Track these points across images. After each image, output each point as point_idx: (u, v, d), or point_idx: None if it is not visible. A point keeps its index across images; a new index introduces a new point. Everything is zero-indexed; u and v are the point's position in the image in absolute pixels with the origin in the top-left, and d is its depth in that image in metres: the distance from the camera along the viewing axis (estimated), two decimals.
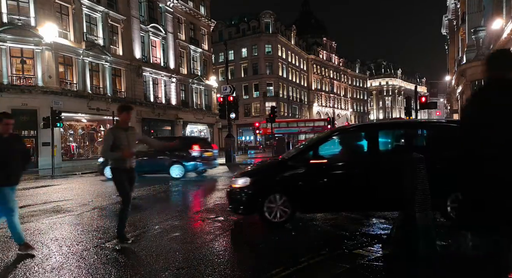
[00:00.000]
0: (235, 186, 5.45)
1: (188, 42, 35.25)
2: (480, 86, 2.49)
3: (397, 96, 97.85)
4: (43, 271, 3.71)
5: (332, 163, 5.38)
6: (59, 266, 3.85)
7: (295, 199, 5.17)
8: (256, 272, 3.54)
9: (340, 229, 5.04)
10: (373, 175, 5.02)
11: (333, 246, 4.15)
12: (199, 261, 3.83)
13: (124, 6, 27.29)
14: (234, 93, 21.61)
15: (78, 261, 4.00)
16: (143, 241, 4.74)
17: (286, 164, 5.47)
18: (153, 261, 3.89)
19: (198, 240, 4.78)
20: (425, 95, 22.97)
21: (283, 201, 5.15)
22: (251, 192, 5.29)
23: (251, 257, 4.10)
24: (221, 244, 4.57)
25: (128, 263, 3.91)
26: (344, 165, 5.33)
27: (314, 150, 5.45)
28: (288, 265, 3.53)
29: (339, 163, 5.42)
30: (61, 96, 21.56)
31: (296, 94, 60.97)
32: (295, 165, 5.33)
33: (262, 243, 4.59)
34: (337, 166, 5.34)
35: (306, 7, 79.80)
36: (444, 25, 39.35)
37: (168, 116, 31.56)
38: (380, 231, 4.90)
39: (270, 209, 5.14)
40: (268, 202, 5.14)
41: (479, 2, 20.59)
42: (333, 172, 5.28)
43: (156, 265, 3.77)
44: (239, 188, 5.38)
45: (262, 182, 5.40)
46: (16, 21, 20.54)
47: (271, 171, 5.65)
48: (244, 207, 5.33)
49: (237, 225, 5.62)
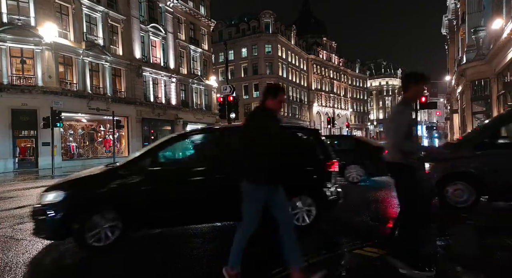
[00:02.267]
0: (43, 202, 4.27)
1: (188, 42, 35.24)
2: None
3: (397, 96, 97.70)
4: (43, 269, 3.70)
5: (176, 171, 4.77)
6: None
7: (127, 215, 4.31)
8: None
9: (340, 229, 5.04)
10: (221, 183, 4.59)
11: (333, 246, 4.15)
12: None
13: (124, 6, 27.28)
14: (234, 93, 21.58)
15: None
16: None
17: (116, 173, 4.62)
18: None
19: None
20: (425, 95, 22.93)
21: (111, 219, 4.23)
22: (64, 210, 4.17)
23: None
24: None
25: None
26: (190, 172, 4.72)
27: (153, 156, 4.77)
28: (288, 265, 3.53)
29: (184, 170, 4.79)
30: (61, 96, 21.55)
31: (296, 94, 60.97)
32: (128, 174, 4.49)
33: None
34: (181, 174, 4.71)
35: (306, 7, 79.78)
36: (444, 25, 39.31)
37: (168, 116, 31.55)
38: (380, 231, 4.90)
39: (92, 230, 4.12)
40: (90, 221, 4.13)
41: (479, 2, 20.58)
42: (176, 180, 4.65)
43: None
44: (48, 205, 4.21)
45: (80, 196, 4.34)
46: (16, 21, 20.52)
47: (95, 182, 4.55)
48: (54, 229, 4.18)
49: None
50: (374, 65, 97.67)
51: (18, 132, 21.05)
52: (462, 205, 5.79)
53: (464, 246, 4.24)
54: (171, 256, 4.10)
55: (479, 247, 4.25)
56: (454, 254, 3.91)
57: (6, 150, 19.95)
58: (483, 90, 20.48)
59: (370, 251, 3.93)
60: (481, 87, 20.72)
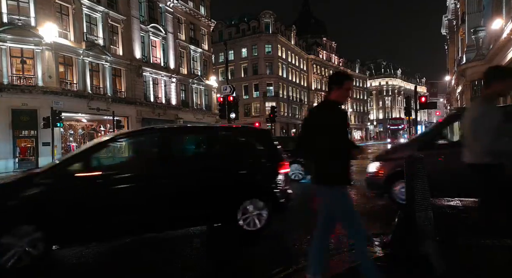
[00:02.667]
0: None
1: (188, 42, 35.26)
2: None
3: (397, 96, 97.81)
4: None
5: (108, 177, 4.22)
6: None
7: (49, 230, 3.75)
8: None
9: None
10: (168, 188, 4.31)
11: (333, 246, 4.16)
12: None
13: (124, 6, 27.29)
14: (234, 93, 21.61)
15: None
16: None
17: (31, 181, 4.03)
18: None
19: None
20: (425, 95, 22.97)
21: (28, 235, 3.67)
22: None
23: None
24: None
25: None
26: (124, 178, 4.26)
27: (81, 160, 4.23)
28: (288, 265, 3.54)
29: (116, 175, 4.28)
30: (61, 96, 21.57)
31: (296, 94, 60.97)
32: (48, 182, 3.94)
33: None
34: (114, 180, 4.20)
35: (306, 7, 79.80)
36: (444, 25, 39.35)
37: (168, 116, 31.55)
38: (380, 231, 4.91)
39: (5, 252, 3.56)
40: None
41: (479, 2, 20.61)
42: (112, 187, 4.15)
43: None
44: None
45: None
46: (16, 21, 20.53)
47: (7, 192, 3.93)
48: None
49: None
50: (374, 65, 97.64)
51: (18, 132, 21.06)
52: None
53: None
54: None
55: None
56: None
57: (6, 150, 19.97)
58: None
59: (370, 251, 3.94)
60: (481, 87, 20.72)
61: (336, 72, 3.00)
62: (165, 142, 4.67)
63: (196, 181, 4.53)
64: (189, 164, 4.87)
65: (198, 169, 4.66)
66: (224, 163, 4.86)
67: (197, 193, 4.50)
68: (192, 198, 4.48)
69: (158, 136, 4.78)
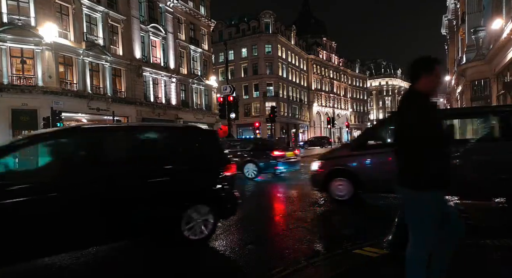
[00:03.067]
0: None
1: (188, 42, 35.25)
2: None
3: (397, 96, 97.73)
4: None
5: (20, 185, 3.41)
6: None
7: None
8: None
9: (340, 230, 5.04)
10: (92, 198, 3.66)
11: (333, 246, 4.16)
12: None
13: (124, 6, 27.28)
14: (234, 93, 21.64)
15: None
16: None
17: None
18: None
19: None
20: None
21: None
22: None
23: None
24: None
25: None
26: (41, 186, 3.49)
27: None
28: (288, 265, 3.54)
29: (30, 184, 3.47)
30: (61, 96, 21.56)
31: (296, 94, 60.96)
32: None
33: None
34: (28, 189, 3.40)
35: (306, 7, 79.75)
36: (444, 25, 39.34)
37: (168, 116, 31.53)
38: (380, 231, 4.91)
39: None
40: None
41: (479, 2, 20.61)
42: (24, 197, 3.35)
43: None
44: None
45: None
46: (16, 21, 20.51)
47: None
48: None
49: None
50: (374, 65, 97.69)
51: (18, 132, 21.00)
52: (343, 198, 6.60)
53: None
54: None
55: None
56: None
57: None
58: (483, 90, 20.51)
59: (370, 251, 3.94)
60: (481, 87, 20.75)
61: (422, 56, 2.42)
62: (88, 144, 3.96)
63: (128, 188, 3.93)
64: (119, 169, 4.01)
65: (131, 174, 3.99)
66: (165, 166, 4.35)
67: (130, 201, 3.90)
68: (124, 208, 3.86)
69: (80, 138, 4.08)
